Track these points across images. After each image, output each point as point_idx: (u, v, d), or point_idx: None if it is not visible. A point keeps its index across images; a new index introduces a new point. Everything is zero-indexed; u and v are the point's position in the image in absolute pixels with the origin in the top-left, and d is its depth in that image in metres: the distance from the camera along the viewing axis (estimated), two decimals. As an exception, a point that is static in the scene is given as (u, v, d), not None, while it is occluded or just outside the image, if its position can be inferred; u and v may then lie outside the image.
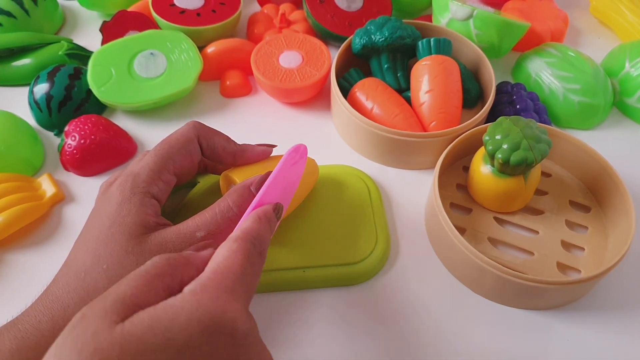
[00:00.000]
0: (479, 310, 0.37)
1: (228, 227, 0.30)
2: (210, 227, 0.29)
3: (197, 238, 0.29)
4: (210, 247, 0.27)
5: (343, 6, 0.56)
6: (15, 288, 0.37)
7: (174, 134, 0.34)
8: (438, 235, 0.39)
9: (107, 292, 0.22)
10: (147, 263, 0.24)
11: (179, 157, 0.32)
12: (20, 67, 0.52)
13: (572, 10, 0.63)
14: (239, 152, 0.35)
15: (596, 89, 0.49)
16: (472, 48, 0.50)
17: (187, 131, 0.33)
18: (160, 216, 0.31)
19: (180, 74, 0.49)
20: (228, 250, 0.25)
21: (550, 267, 0.38)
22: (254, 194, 0.31)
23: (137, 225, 0.29)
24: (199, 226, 0.29)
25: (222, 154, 0.34)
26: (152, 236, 0.29)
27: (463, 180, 0.43)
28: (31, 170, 0.45)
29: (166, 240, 0.29)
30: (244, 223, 0.27)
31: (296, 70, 0.49)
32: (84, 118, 0.45)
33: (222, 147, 0.34)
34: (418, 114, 0.46)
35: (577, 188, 0.43)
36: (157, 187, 0.31)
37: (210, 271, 0.23)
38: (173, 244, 0.29)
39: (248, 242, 0.25)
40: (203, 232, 0.29)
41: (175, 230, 0.29)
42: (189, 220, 0.30)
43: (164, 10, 0.53)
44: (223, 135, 0.35)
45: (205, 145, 0.34)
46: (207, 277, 0.23)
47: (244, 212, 0.29)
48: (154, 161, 0.32)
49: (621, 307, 0.37)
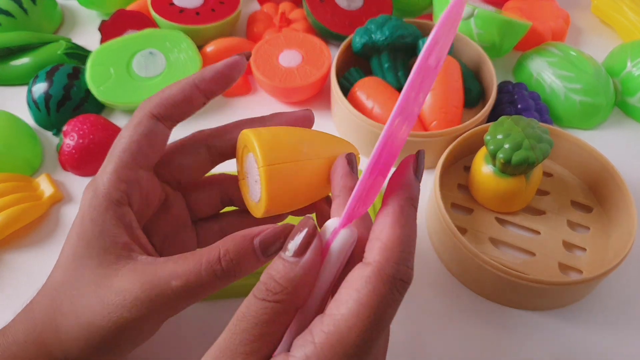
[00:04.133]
0: (479, 311, 0.37)
1: (214, 285, 0.24)
2: (189, 279, 0.23)
3: (171, 288, 0.23)
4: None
5: (343, 5, 0.55)
6: (13, 288, 0.37)
7: (126, 123, 0.28)
8: (439, 236, 0.39)
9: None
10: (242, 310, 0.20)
11: (135, 147, 0.26)
12: (18, 67, 0.52)
13: (574, 10, 0.63)
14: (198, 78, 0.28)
15: (598, 89, 0.48)
16: (473, 47, 0.49)
17: (135, 114, 0.28)
18: (133, 229, 0.26)
19: (179, 73, 0.49)
20: (357, 292, 0.19)
21: (551, 267, 0.38)
22: (257, 250, 0.23)
23: (104, 251, 0.25)
24: (177, 274, 0.23)
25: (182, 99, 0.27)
26: (124, 271, 0.24)
27: (464, 180, 0.43)
28: (30, 170, 0.44)
29: (136, 282, 0.24)
30: (379, 231, 0.21)
31: (296, 69, 0.48)
32: (82, 117, 0.44)
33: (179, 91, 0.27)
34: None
35: (578, 188, 0.43)
36: (119, 191, 0.26)
37: (322, 338, 0.19)
38: (141, 290, 0.23)
39: (387, 282, 0.19)
40: (179, 283, 0.23)
41: (148, 272, 0.24)
42: (170, 261, 0.24)
43: (163, 9, 0.53)
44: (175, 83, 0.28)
45: (162, 111, 0.27)
46: (321, 345, 0.19)
47: (239, 270, 0.23)
48: (110, 162, 0.26)
49: (623, 308, 0.37)
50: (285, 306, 0.20)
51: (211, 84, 0.28)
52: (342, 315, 0.19)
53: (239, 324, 0.20)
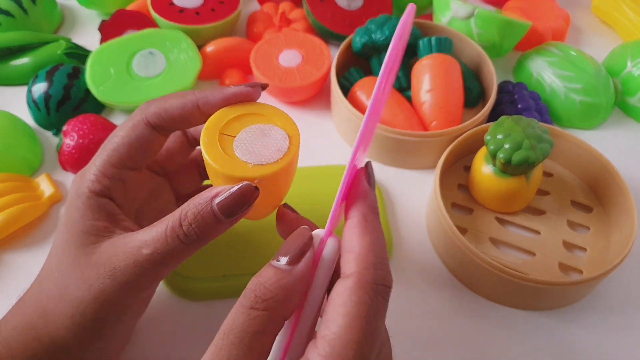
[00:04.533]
0: (479, 311, 0.37)
1: (182, 250, 0.24)
2: (157, 246, 0.24)
3: (143, 255, 0.24)
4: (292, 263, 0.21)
5: (343, 5, 0.55)
6: (13, 288, 0.37)
7: (122, 122, 0.29)
8: (439, 236, 0.38)
9: None
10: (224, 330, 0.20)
11: (124, 150, 0.27)
12: (18, 67, 0.52)
13: (574, 9, 0.62)
14: (202, 99, 0.27)
15: (598, 89, 0.48)
16: (474, 47, 0.49)
17: (132, 117, 0.28)
18: (116, 216, 0.27)
19: (179, 73, 0.49)
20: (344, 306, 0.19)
21: (551, 267, 0.38)
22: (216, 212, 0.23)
23: (84, 233, 0.26)
24: (147, 242, 0.24)
25: (180, 115, 0.27)
26: (102, 247, 0.25)
27: (464, 180, 0.43)
28: (29, 170, 0.44)
29: (112, 256, 0.25)
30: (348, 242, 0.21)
31: (296, 69, 0.48)
32: (82, 117, 0.44)
33: (179, 107, 0.27)
34: (419, 113, 0.46)
35: (578, 188, 0.43)
36: (101, 185, 0.27)
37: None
38: (118, 259, 0.24)
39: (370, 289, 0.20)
40: (149, 250, 0.24)
41: (122, 243, 0.25)
42: (140, 231, 0.25)
43: (163, 9, 0.53)
44: (179, 94, 0.28)
45: (159, 121, 0.27)
46: None
47: (202, 232, 0.23)
48: (99, 158, 0.27)
49: (623, 308, 0.37)
50: (273, 315, 0.20)
51: (214, 110, 0.27)
52: (334, 334, 0.19)
53: (225, 338, 0.20)
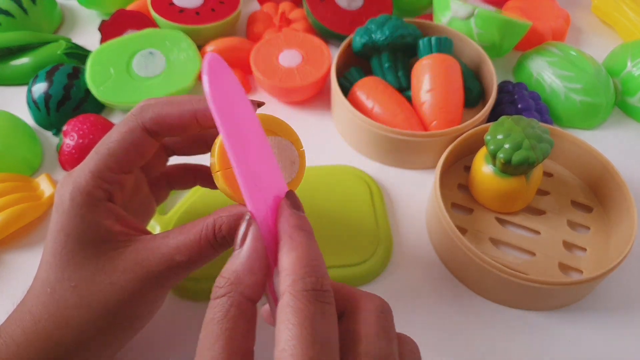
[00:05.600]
0: (480, 311, 0.37)
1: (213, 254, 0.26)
2: (191, 254, 0.26)
3: (176, 262, 0.26)
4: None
5: (343, 5, 0.55)
6: (13, 288, 0.37)
7: (116, 126, 0.28)
8: (439, 236, 0.38)
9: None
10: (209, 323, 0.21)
11: (121, 155, 0.27)
12: (18, 67, 0.52)
13: (574, 9, 0.63)
14: (200, 112, 0.27)
15: (598, 89, 0.48)
16: (474, 47, 0.49)
17: (127, 120, 0.28)
18: (124, 218, 0.28)
19: (179, 73, 0.49)
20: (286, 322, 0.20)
21: (551, 267, 0.38)
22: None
23: (100, 239, 0.26)
24: (180, 249, 0.26)
25: (178, 125, 0.27)
26: (127, 252, 0.26)
27: (464, 180, 0.43)
28: (29, 170, 0.44)
29: (144, 260, 0.26)
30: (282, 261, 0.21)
31: (296, 69, 0.48)
32: (82, 117, 0.44)
33: (176, 116, 0.27)
34: (419, 113, 0.46)
35: (578, 188, 0.43)
36: (101, 190, 0.27)
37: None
38: (149, 263, 0.26)
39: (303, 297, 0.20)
40: (183, 257, 0.26)
41: (155, 248, 0.26)
42: (171, 236, 0.26)
43: (163, 9, 0.53)
44: (177, 101, 0.27)
45: (155, 128, 0.27)
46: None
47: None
48: (93, 162, 0.27)
49: (623, 308, 0.37)
50: (234, 298, 0.21)
51: (212, 123, 0.27)
52: (284, 350, 0.19)
53: (203, 331, 0.21)
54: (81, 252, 0.26)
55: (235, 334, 0.20)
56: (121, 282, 0.26)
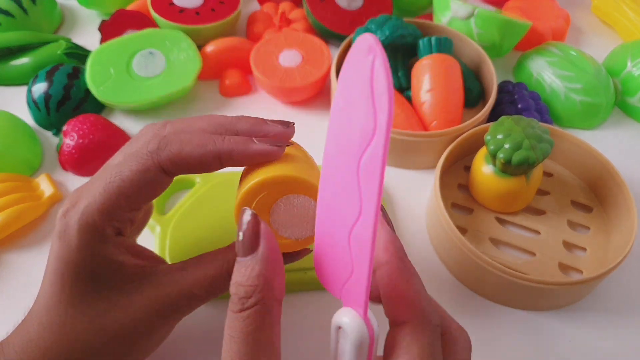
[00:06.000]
0: (480, 311, 0.37)
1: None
2: (211, 289, 0.25)
3: (194, 296, 0.25)
4: None
5: (343, 5, 0.55)
6: (13, 288, 0.37)
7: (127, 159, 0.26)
8: (439, 236, 0.38)
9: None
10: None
11: (134, 195, 0.25)
12: (18, 67, 0.52)
13: (574, 9, 0.62)
14: (225, 155, 0.25)
15: (598, 89, 0.48)
16: (474, 47, 0.49)
17: (141, 157, 0.25)
18: (135, 249, 0.27)
19: (179, 73, 0.49)
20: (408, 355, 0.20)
21: (551, 267, 0.38)
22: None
23: (113, 276, 0.25)
24: (200, 282, 0.25)
25: (198, 165, 0.25)
26: (144, 286, 0.25)
27: (464, 180, 0.43)
28: (29, 170, 0.44)
29: (161, 294, 0.25)
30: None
31: (296, 69, 0.48)
32: (82, 117, 0.44)
33: (197, 158, 0.25)
34: (419, 113, 0.46)
35: (578, 188, 0.43)
36: (111, 227, 0.25)
37: None
38: (168, 298, 0.25)
39: (429, 335, 0.20)
40: (202, 292, 0.25)
41: (173, 283, 0.25)
42: (189, 269, 0.25)
43: (163, 9, 0.53)
44: (198, 140, 0.25)
45: (173, 169, 0.25)
46: None
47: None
48: (101, 199, 0.25)
49: (623, 308, 0.37)
50: (266, 305, 0.20)
51: (234, 164, 0.26)
52: None
53: (230, 348, 0.20)
54: (94, 287, 0.25)
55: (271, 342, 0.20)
56: (139, 316, 0.25)
